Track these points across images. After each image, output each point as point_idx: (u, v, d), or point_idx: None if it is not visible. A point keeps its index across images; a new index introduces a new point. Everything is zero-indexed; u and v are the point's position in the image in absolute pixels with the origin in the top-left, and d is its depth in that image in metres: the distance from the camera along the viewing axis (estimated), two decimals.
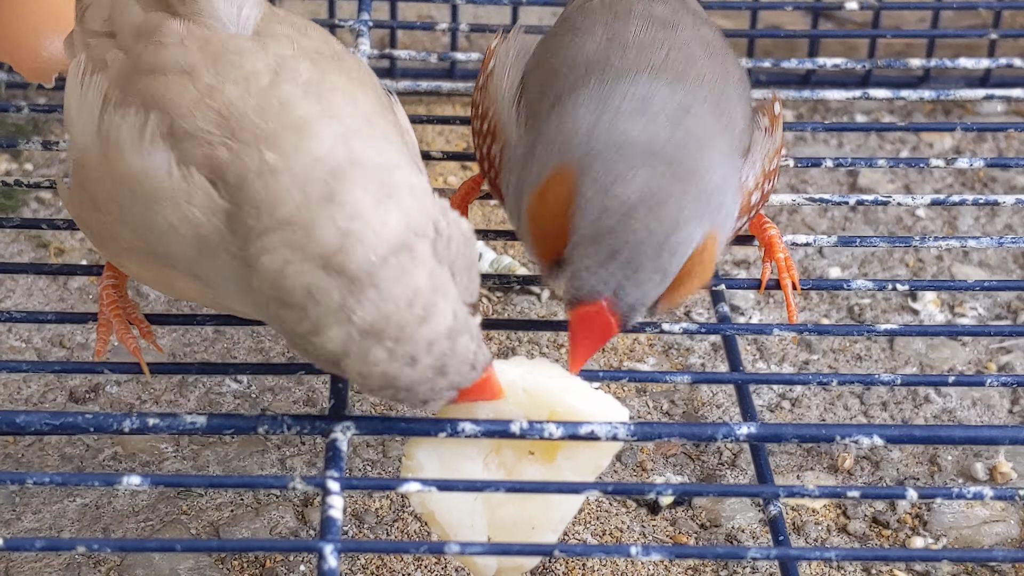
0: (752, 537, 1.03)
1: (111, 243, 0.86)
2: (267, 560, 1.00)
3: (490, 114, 0.96)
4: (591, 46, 0.93)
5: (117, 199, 0.83)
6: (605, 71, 0.90)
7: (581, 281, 0.84)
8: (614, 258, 0.83)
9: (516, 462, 0.86)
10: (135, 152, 0.81)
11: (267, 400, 1.12)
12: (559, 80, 0.92)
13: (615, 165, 0.84)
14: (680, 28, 0.94)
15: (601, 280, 0.83)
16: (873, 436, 0.86)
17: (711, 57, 0.93)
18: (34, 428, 0.85)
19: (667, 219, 0.83)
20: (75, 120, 0.88)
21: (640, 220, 0.83)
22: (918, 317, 1.21)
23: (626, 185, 0.83)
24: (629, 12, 0.95)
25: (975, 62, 1.27)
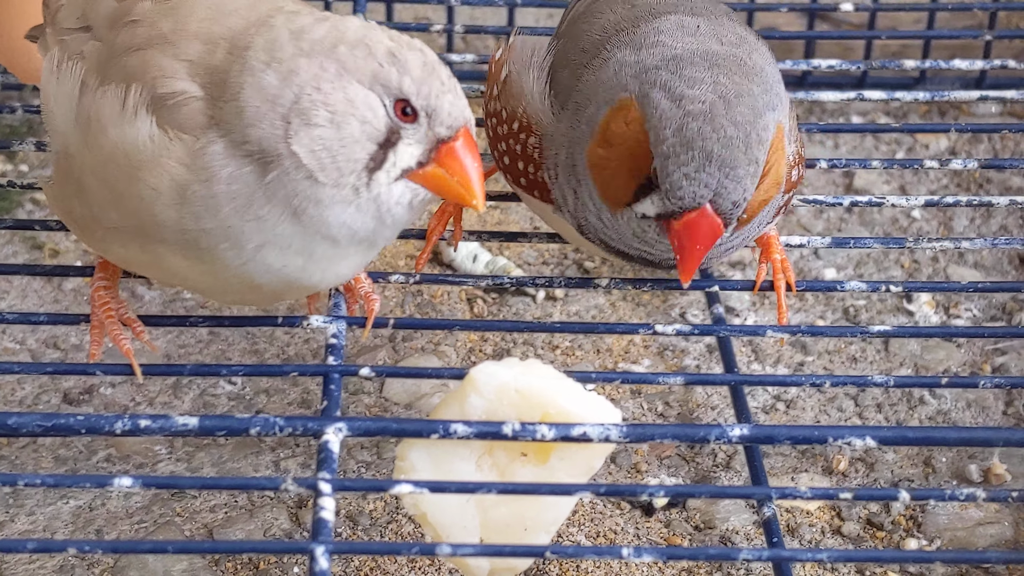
0: (746, 539, 1.03)
1: (97, 228, 0.87)
2: (260, 562, 1.00)
3: (519, 112, 0.96)
4: (617, 13, 0.95)
5: (103, 177, 0.84)
6: (634, 22, 0.93)
7: (682, 190, 0.85)
8: (708, 161, 0.84)
9: (509, 463, 0.86)
10: (117, 126, 0.83)
11: (261, 402, 1.12)
12: (587, 52, 0.94)
13: (680, 74, 0.86)
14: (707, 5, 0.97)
15: (702, 183, 0.85)
16: (866, 438, 0.86)
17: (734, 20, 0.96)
18: (27, 429, 0.85)
19: (748, 111, 0.85)
20: (54, 111, 0.89)
21: (724, 117, 0.84)
22: (913, 318, 1.21)
23: (700, 88, 0.86)
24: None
25: (970, 63, 1.27)
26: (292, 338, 1.17)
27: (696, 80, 0.86)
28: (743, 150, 0.84)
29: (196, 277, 0.86)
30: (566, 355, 1.17)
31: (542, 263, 1.25)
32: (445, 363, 1.15)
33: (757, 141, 0.85)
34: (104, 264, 0.96)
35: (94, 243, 0.89)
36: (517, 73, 0.98)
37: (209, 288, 0.88)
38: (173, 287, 0.95)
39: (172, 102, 0.82)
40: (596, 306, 1.21)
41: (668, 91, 0.86)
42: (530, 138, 0.95)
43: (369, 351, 1.16)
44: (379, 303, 0.94)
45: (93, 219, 0.86)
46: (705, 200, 0.85)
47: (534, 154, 0.95)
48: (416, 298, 1.21)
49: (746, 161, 0.84)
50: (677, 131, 0.84)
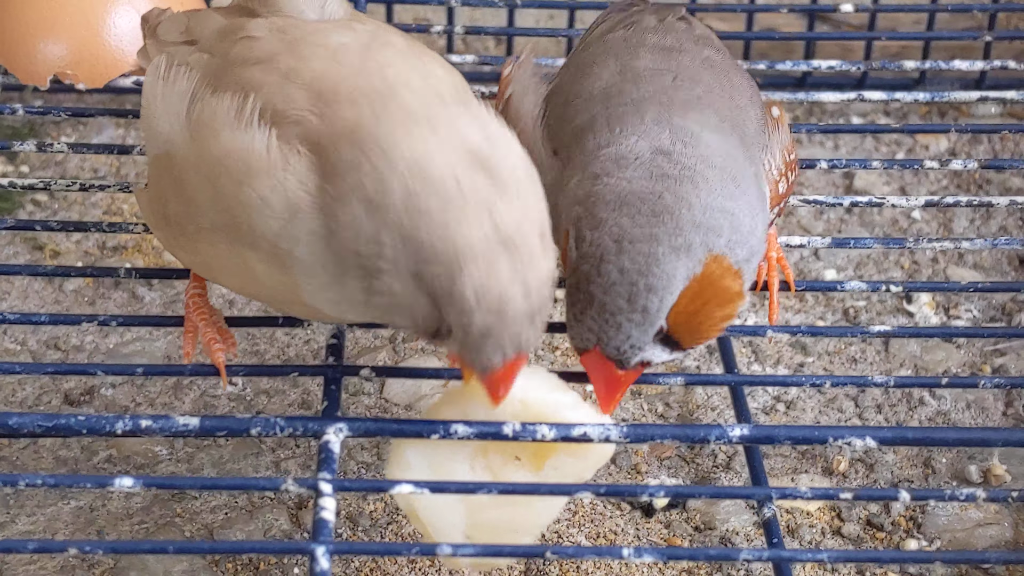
0: (747, 539, 1.03)
1: (189, 225, 0.87)
2: (260, 562, 1.00)
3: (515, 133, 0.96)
4: (604, 76, 0.95)
5: (208, 178, 0.84)
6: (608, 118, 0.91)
7: (572, 331, 0.85)
8: (591, 304, 0.84)
9: (502, 466, 0.86)
10: (232, 131, 0.83)
11: (262, 403, 1.12)
12: (575, 112, 0.93)
13: (592, 213, 0.85)
14: (684, 53, 0.96)
15: (586, 327, 0.85)
16: (866, 438, 0.87)
17: (713, 70, 0.95)
18: (27, 430, 0.86)
19: (640, 256, 0.83)
20: (159, 114, 0.90)
21: (611, 262, 0.83)
22: (913, 319, 1.21)
23: (600, 229, 0.85)
24: (642, 44, 0.97)
25: (970, 64, 1.27)
26: (292, 339, 1.17)
27: (599, 222, 0.85)
28: (625, 298, 0.83)
29: (274, 288, 0.86)
30: (566, 356, 1.17)
31: None
32: (445, 364, 1.15)
33: (646, 289, 0.83)
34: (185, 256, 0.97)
35: (184, 241, 0.89)
36: (518, 97, 0.99)
37: (282, 301, 0.88)
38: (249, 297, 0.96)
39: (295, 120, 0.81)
40: None
41: (577, 232, 0.85)
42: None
43: (369, 352, 1.16)
44: None
45: (187, 216, 0.87)
46: (591, 344, 0.85)
47: None
48: None
49: (629, 310, 0.83)
50: (573, 272, 0.85)
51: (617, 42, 0.98)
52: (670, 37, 0.98)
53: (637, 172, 0.87)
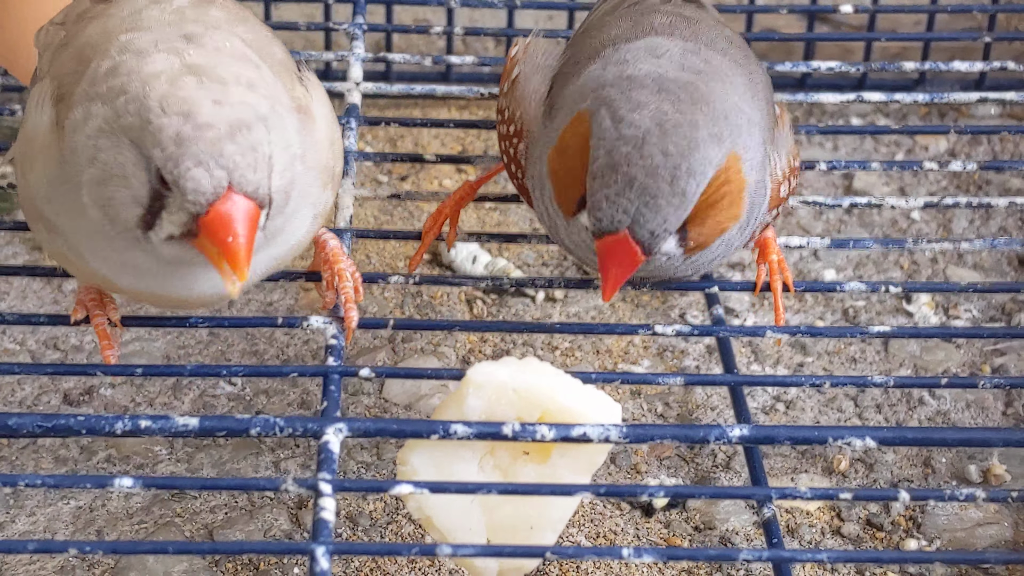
0: (746, 539, 1.03)
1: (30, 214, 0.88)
2: (260, 563, 1.00)
3: (517, 115, 0.97)
4: (614, 31, 0.95)
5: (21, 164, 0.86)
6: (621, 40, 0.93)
7: (601, 212, 0.85)
8: (630, 185, 0.84)
9: (511, 463, 0.86)
10: (31, 116, 0.85)
11: (261, 403, 1.12)
12: (578, 64, 0.94)
13: (628, 96, 0.86)
14: (701, 23, 0.96)
15: (620, 208, 0.84)
16: (866, 438, 0.87)
17: (732, 44, 0.96)
18: (26, 430, 0.85)
19: (681, 141, 0.84)
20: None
21: (654, 144, 0.84)
22: (912, 319, 1.21)
23: (639, 112, 0.85)
24: (655, 10, 0.97)
25: (970, 65, 1.27)
26: (292, 339, 1.17)
27: (640, 104, 0.85)
28: (668, 180, 0.83)
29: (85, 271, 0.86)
30: (566, 356, 1.17)
31: (541, 264, 1.25)
32: (444, 364, 1.15)
33: (687, 173, 0.84)
34: None
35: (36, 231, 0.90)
36: (525, 76, 0.99)
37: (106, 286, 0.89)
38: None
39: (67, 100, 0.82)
40: (596, 307, 1.21)
41: (612, 111, 0.85)
42: (520, 143, 0.96)
43: (369, 352, 1.16)
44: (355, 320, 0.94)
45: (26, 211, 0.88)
46: (622, 226, 0.84)
47: (521, 159, 0.96)
48: (416, 299, 1.21)
49: (670, 192, 0.84)
50: (608, 153, 0.84)
51: (618, 17, 0.98)
52: (688, 8, 0.98)
53: (671, 63, 0.88)
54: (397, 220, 1.29)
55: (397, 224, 1.29)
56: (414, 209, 1.30)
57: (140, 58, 0.79)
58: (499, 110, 1.00)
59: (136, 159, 0.78)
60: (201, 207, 0.77)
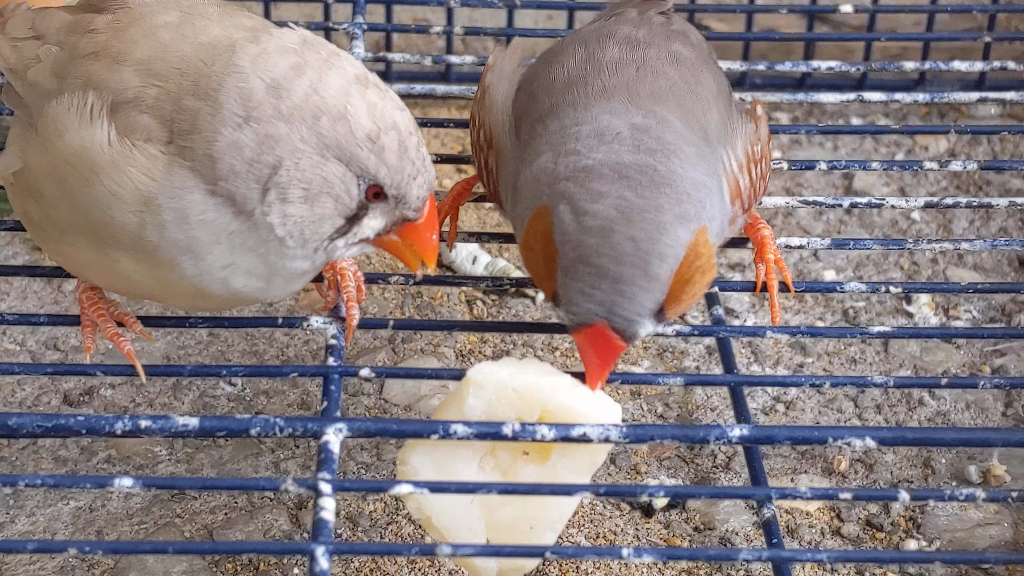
0: (746, 540, 1.03)
1: (52, 230, 0.88)
2: (260, 563, 1.00)
3: (487, 125, 0.97)
4: (569, 66, 0.94)
5: (58, 180, 0.85)
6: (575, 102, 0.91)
7: (576, 306, 0.84)
8: (603, 276, 0.83)
9: (511, 463, 0.86)
10: (75, 130, 0.83)
11: (261, 403, 1.12)
12: (537, 103, 0.94)
13: (586, 188, 0.85)
14: (651, 46, 0.95)
15: (595, 301, 0.84)
16: (866, 438, 0.87)
17: (679, 65, 0.94)
18: (27, 430, 0.85)
19: (648, 226, 0.83)
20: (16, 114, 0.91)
21: (620, 233, 0.83)
22: (912, 320, 1.21)
23: (600, 202, 0.84)
24: (611, 36, 0.96)
25: (970, 65, 1.27)
26: (292, 339, 1.17)
27: (600, 194, 0.84)
28: (640, 267, 0.83)
29: (147, 282, 0.87)
30: (566, 356, 1.17)
31: None
32: (445, 364, 1.15)
33: (658, 257, 0.83)
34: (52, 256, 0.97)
35: (50, 243, 0.90)
36: (495, 84, 0.99)
37: (158, 293, 0.89)
38: (121, 294, 0.96)
39: (130, 112, 0.82)
40: None
41: (572, 205, 0.84)
42: (490, 153, 0.96)
43: (369, 352, 1.16)
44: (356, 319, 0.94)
45: (48, 220, 0.88)
46: (599, 318, 0.84)
47: (493, 170, 0.96)
48: (416, 300, 1.21)
49: (643, 278, 0.83)
50: (574, 248, 0.83)
51: (588, 33, 0.98)
52: (642, 30, 0.97)
53: (623, 146, 0.87)
54: None
55: None
56: None
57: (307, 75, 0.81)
58: (472, 116, 1.01)
59: (345, 175, 0.81)
60: (419, 212, 0.85)
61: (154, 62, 0.83)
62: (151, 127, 0.82)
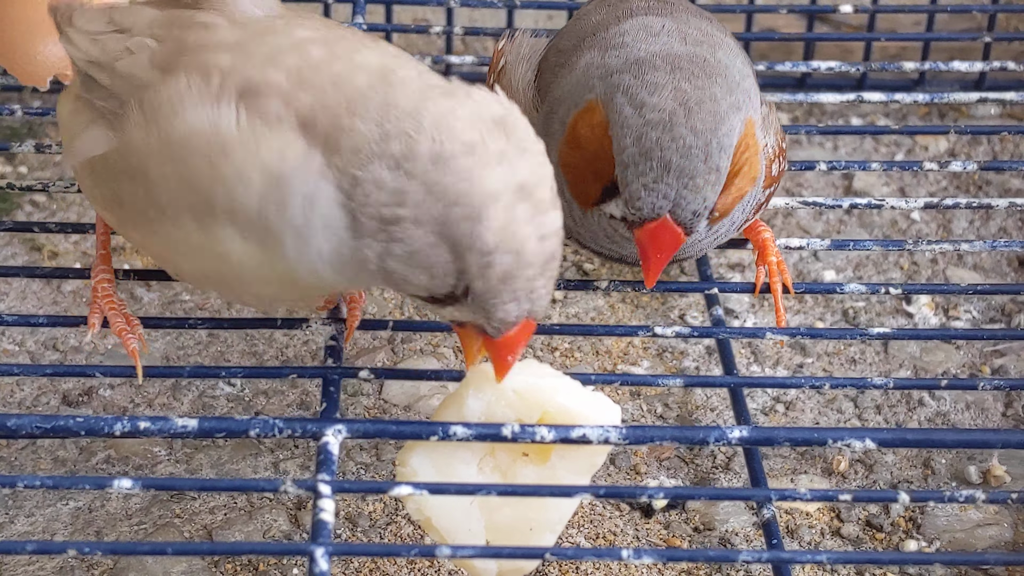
0: (746, 540, 1.03)
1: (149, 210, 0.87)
2: (260, 563, 1.00)
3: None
4: (595, 18, 0.95)
5: (173, 159, 0.84)
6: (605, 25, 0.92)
7: (640, 200, 0.84)
8: (667, 170, 0.84)
9: (511, 464, 0.86)
10: (197, 109, 0.84)
11: (260, 403, 1.12)
12: (563, 53, 0.94)
13: (643, 80, 0.85)
14: (678, 5, 0.97)
15: (660, 194, 0.84)
16: (865, 439, 0.87)
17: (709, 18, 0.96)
18: (25, 431, 0.85)
19: (707, 117, 0.84)
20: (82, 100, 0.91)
21: (683, 125, 0.84)
22: (912, 320, 1.21)
23: (660, 94, 0.84)
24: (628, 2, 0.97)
25: (969, 65, 1.27)
26: (291, 340, 1.17)
27: (657, 86, 0.85)
28: (703, 159, 0.83)
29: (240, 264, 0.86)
30: (565, 357, 1.17)
31: None
32: (444, 365, 1.15)
33: (718, 148, 0.84)
34: (106, 256, 0.97)
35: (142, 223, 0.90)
36: (511, 65, 0.99)
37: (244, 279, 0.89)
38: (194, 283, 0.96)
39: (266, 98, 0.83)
40: (595, 308, 1.21)
41: (630, 97, 0.85)
42: None
43: (368, 353, 1.16)
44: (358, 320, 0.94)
45: (147, 199, 0.87)
46: (664, 211, 0.84)
47: None
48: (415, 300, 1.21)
49: (706, 170, 0.84)
50: (636, 140, 0.84)
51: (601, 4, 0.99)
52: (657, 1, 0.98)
53: (671, 38, 0.88)
54: None
55: None
56: None
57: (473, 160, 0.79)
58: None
59: (448, 265, 0.80)
60: (499, 332, 0.82)
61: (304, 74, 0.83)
62: (283, 113, 0.82)
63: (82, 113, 0.92)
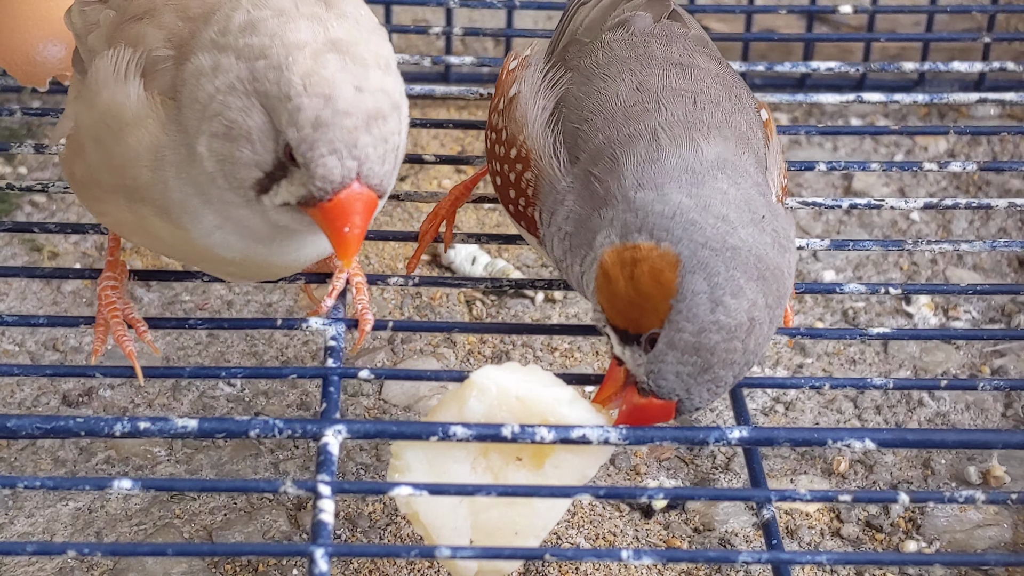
0: (746, 541, 1.03)
1: (95, 188, 0.88)
2: (259, 564, 1.00)
3: (519, 140, 0.93)
4: (623, 93, 0.91)
5: (96, 136, 0.85)
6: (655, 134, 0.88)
7: (664, 380, 0.83)
8: (705, 372, 0.83)
9: (503, 467, 0.86)
10: (109, 86, 0.84)
11: (260, 404, 1.12)
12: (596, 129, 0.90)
13: (731, 277, 0.82)
14: (695, 70, 0.93)
15: (683, 386, 0.84)
16: (865, 440, 0.87)
17: (727, 91, 0.93)
18: (26, 432, 0.85)
19: (762, 339, 0.84)
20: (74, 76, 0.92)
21: (740, 341, 0.82)
22: (912, 320, 1.21)
23: (738, 299, 0.82)
24: (652, 57, 0.93)
25: (969, 66, 1.27)
26: (291, 340, 1.17)
27: (740, 291, 0.82)
28: (736, 374, 0.84)
29: (177, 244, 0.86)
30: (565, 357, 1.17)
31: (541, 265, 1.25)
32: (444, 365, 1.15)
33: (755, 362, 0.84)
34: (113, 263, 0.97)
35: (93, 203, 0.90)
36: (524, 97, 0.95)
37: (192, 257, 0.89)
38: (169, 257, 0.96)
39: (159, 68, 0.82)
40: None
41: (712, 287, 0.82)
42: (526, 172, 0.92)
43: (368, 353, 1.16)
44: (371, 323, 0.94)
45: (92, 179, 0.87)
46: (676, 396, 0.84)
47: (527, 189, 0.92)
48: (415, 300, 1.21)
49: (732, 382, 0.84)
50: (696, 333, 0.82)
51: (622, 48, 0.94)
52: (675, 48, 0.94)
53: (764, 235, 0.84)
54: (396, 221, 1.29)
55: (396, 225, 1.29)
56: (413, 210, 1.30)
57: (281, 20, 0.78)
58: (493, 127, 0.97)
59: (265, 126, 0.78)
60: (326, 193, 0.78)
61: (187, 9, 0.83)
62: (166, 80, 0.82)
63: (72, 85, 0.94)
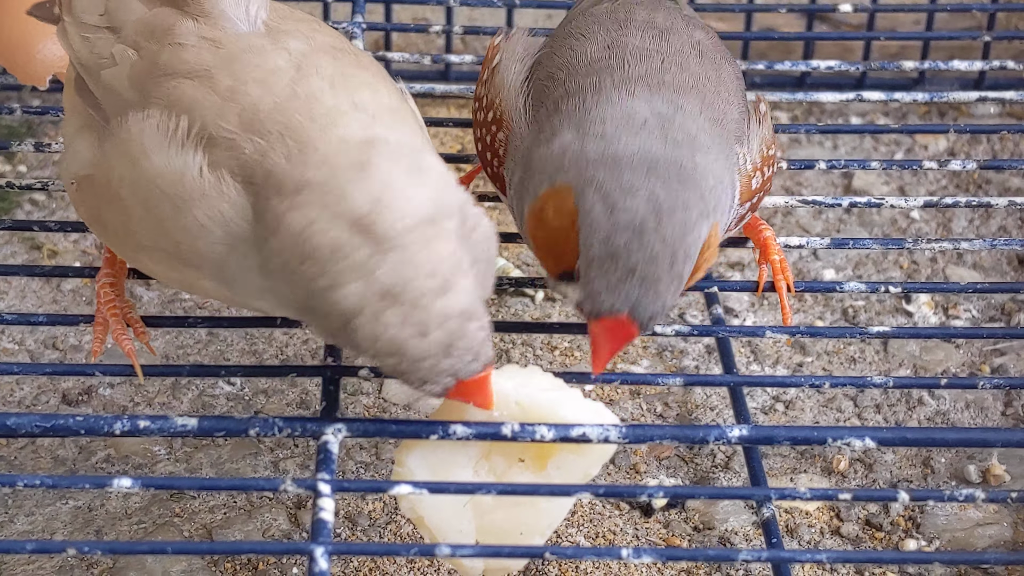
0: (746, 539, 1.03)
1: (129, 240, 0.86)
2: (259, 562, 1.00)
3: (496, 103, 0.96)
4: (591, 51, 0.94)
5: (142, 199, 0.83)
6: (600, 87, 0.91)
7: (600, 298, 0.84)
8: (631, 275, 0.83)
9: (506, 469, 0.86)
10: (164, 154, 0.82)
11: (260, 402, 1.12)
12: (558, 84, 0.93)
13: (618, 180, 0.84)
14: (674, 34, 0.95)
15: (620, 297, 0.83)
16: (865, 438, 0.87)
17: (702, 58, 0.94)
18: (25, 430, 0.85)
19: (679, 225, 0.84)
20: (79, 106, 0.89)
21: (653, 232, 0.83)
22: (912, 319, 1.21)
23: (633, 198, 0.83)
24: (631, 21, 0.96)
25: (969, 64, 1.27)
26: (291, 339, 1.17)
27: (632, 188, 0.84)
28: (667, 267, 0.83)
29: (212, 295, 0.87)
30: (565, 356, 1.17)
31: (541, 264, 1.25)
32: None
33: (684, 257, 0.84)
34: (111, 260, 0.96)
35: (125, 250, 0.89)
36: (505, 64, 0.98)
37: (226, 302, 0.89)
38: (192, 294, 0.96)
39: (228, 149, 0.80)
40: None
41: (603, 195, 0.84)
42: (499, 132, 0.95)
43: None
44: None
45: (126, 231, 0.86)
46: (622, 311, 0.84)
47: (499, 149, 0.95)
48: None
49: (669, 278, 0.83)
50: (604, 241, 0.83)
51: (603, 15, 0.98)
52: (660, 15, 0.97)
53: (651, 136, 0.86)
54: None
55: None
56: None
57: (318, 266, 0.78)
58: (477, 97, 1.00)
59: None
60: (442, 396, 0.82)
61: (258, 113, 0.81)
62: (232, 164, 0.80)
63: (76, 114, 0.91)
